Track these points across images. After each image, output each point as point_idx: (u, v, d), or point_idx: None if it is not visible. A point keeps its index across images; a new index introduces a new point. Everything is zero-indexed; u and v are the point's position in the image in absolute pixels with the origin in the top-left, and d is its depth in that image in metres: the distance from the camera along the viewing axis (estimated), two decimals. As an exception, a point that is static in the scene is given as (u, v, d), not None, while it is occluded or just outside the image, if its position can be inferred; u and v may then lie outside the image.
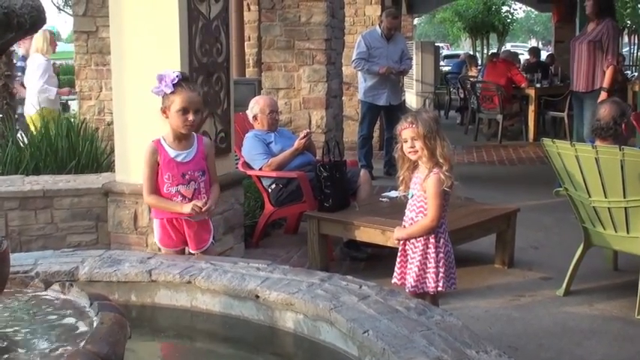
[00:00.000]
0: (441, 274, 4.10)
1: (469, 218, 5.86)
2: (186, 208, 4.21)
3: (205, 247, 4.41)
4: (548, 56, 19.33)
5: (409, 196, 4.21)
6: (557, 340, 4.65)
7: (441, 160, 4.03)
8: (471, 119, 14.94)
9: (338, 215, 5.92)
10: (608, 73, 8.27)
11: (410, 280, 4.13)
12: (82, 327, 2.53)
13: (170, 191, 4.26)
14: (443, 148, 4.04)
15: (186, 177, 4.27)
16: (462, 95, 16.69)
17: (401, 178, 4.24)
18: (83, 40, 9.79)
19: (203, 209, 4.23)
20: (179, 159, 4.26)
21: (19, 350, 2.39)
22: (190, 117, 4.17)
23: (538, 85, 13.87)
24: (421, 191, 4.10)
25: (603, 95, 8.14)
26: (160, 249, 4.45)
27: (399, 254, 4.27)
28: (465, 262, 5.93)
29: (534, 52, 18.57)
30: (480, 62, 22.96)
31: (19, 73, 10.57)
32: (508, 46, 42.60)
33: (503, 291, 5.53)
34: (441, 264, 4.11)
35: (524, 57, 22.06)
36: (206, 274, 3.76)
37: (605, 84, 8.26)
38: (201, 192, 4.32)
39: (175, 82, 4.15)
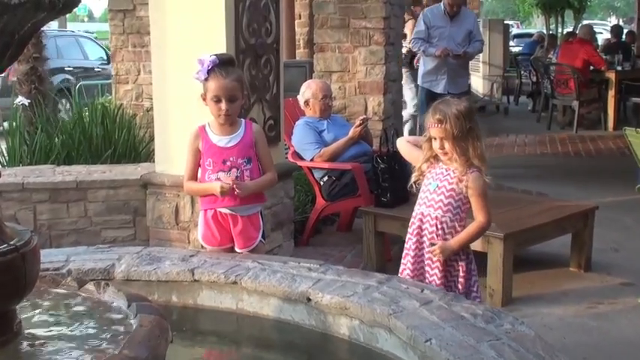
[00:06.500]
0: (474, 279, 4.03)
1: (542, 216, 5.79)
2: (216, 186, 4.19)
3: (253, 246, 4.39)
4: (627, 34, 18.83)
5: (431, 188, 4.01)
6: (638, 353, 4.59)
7: (475, 162, 3.93)
8: (544, 106, 14.75)
9: (396, 211, 5.87)
10: None
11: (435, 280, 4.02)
12: (120, 330, 2.54)
13: (210, 179, 4.26)
14: (476, 149, 3.88)
15: (227, 163, 4.24)
16: (533, 79, 16.47)
17: (419, 165, 4.06)
18: (119, 20, 9.92)
19: (232, 184, 4.17)
20: (221, 144, 4.26)
21: (49, 354, 2.41)
22: (223, 106, 4.18)
23: (619, 68, 13.65)
24: (453, 185, 3.96)
25: None
26: (202, 246, 4.46)
27: (413, 247, 4.08)
28: (537, 264, 5.88)
29: (616, 31, 18.22)
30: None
31: None
32: (585, 24, 41.91)
33: (579, 297, 5.46)
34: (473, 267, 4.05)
35: (602, 36, 21.64)
36: (253, 274, 3.78)
37: None
38: (244, 181, 4.29)
39: (210, 67, 4.17)
